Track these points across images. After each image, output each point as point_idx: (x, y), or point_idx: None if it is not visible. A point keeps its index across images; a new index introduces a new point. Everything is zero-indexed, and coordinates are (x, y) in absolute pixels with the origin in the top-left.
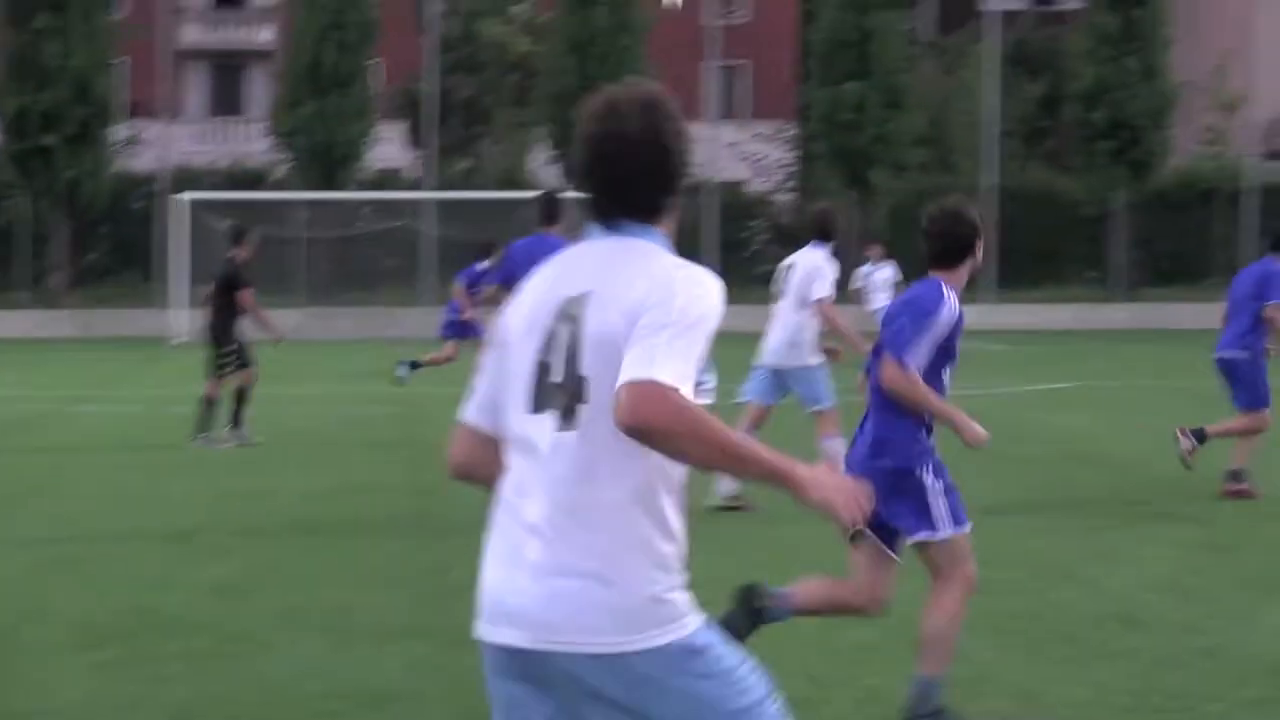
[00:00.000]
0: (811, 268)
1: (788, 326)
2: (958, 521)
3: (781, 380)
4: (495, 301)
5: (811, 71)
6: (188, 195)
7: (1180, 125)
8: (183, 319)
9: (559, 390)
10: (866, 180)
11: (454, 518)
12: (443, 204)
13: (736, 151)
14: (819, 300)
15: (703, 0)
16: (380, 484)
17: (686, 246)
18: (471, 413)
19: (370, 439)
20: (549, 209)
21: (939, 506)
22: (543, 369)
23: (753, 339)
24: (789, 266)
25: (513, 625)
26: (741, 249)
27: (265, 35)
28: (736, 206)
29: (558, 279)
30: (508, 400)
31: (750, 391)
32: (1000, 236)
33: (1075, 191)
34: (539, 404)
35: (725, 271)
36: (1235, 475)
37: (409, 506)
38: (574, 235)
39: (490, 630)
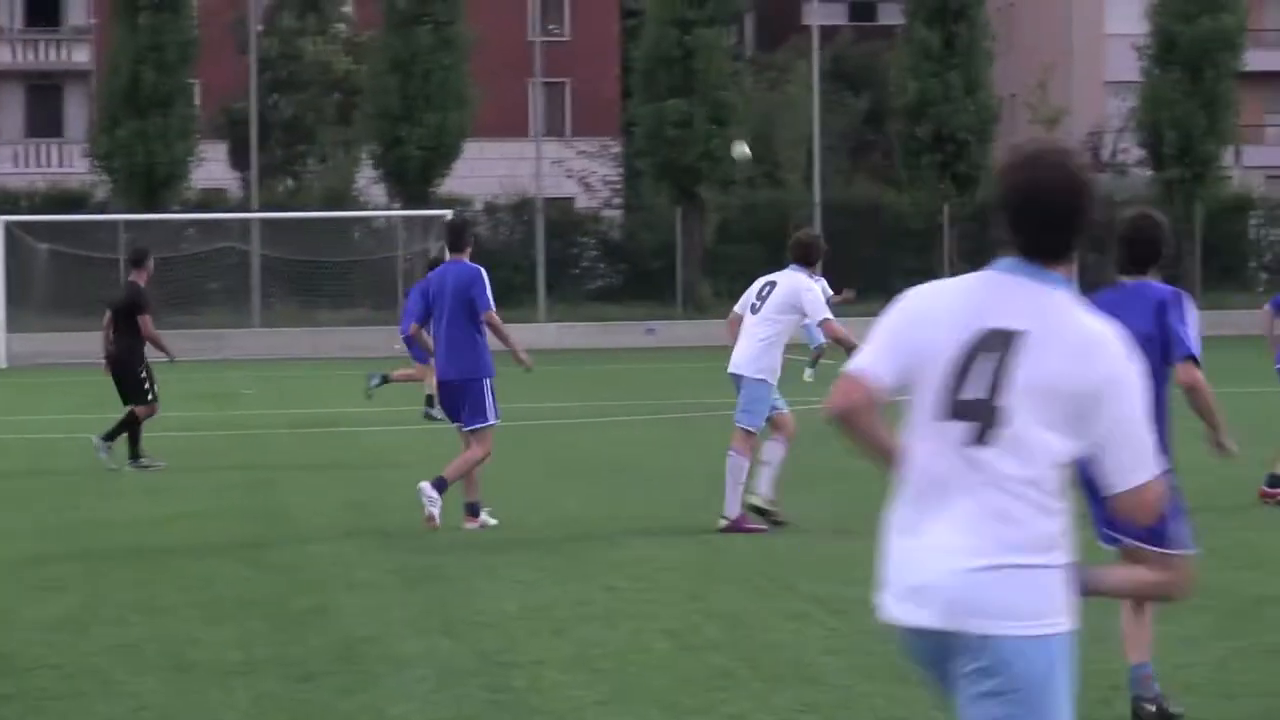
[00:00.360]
0: (794, 288)
1: (755, 340)
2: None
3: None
4: (421, 339)
5: (634, 88)
6: (5, 218)
7: (1004, 139)
8: (3, 343)
9: (974, 408)
10: (695, 195)
11: (294, 545)
12: (268, 224)
13: (562, 168)
14: (825, 320)
15: (526, 18)
16: (218, 510)
17: (517, 263)
18: (870, 368)
19: (206, 464)
20: (458, 235)
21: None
22: (956, 380)
23: (592, 354)
24: (769, 284)
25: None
26: (570, 265)
27: (81, 56)
28: (564, 223)
29: (984, 306)
30: (922, 385)
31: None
32: (828, 252)
33: (902, 205)
34: (953, 412)
35: (554, 288)
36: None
37: (248, 533)
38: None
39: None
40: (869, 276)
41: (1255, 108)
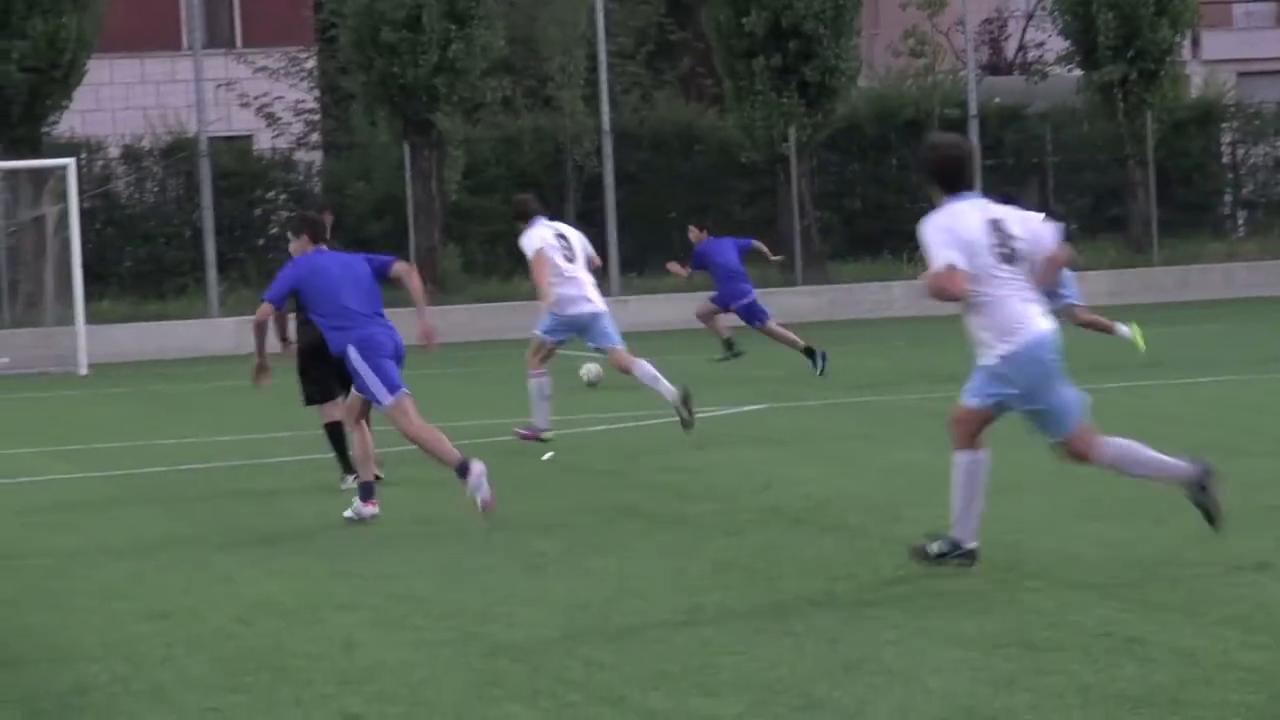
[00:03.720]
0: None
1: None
2: None
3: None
4: None
5: None
6: None
7: (869, 29)
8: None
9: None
10: (429, 126)
11: None
12: None
13: (234, 94)
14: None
15: None
16: None
17: (174, 232)
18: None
19: None
20: None
21: None
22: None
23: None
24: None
25: None
26: (255, 233)
27: None
28: (243, 173)
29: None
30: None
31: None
32: (623, 205)
33: (727, 130)
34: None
35: (232, 266)
36: None
37: None
38: None
39: None
40: (668, 238)
41: None
